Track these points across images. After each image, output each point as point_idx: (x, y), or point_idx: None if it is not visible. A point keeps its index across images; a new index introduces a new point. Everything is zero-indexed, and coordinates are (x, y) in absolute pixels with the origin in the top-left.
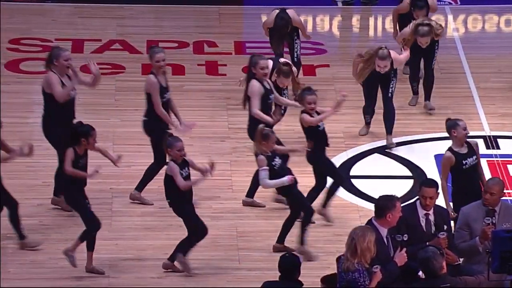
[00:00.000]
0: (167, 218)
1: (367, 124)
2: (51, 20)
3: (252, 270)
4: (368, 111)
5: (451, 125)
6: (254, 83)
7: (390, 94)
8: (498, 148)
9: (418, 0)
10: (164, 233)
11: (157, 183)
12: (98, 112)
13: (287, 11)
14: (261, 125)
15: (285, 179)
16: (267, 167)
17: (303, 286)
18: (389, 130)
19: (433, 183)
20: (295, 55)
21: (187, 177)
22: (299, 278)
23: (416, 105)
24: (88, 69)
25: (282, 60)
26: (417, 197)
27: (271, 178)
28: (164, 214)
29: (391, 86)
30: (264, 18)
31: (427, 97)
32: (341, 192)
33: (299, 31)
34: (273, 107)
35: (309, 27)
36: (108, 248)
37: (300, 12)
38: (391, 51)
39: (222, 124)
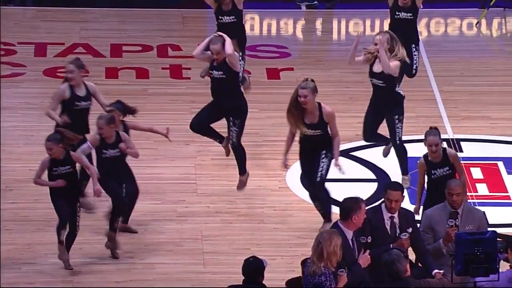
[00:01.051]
0: (130, 221)
1: None
2: (13, 23)
3: (217, 274)
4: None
5: (424, 136)
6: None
7: (319, 177)
8: (461, 151)
9: None
10: (127, 236)
11: None
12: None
13: None
14: (100, 115)
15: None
16: (92, 146)
17: None
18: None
19: (398, 186)
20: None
21: (60, 175)
22: (264, 282)
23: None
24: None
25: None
26: (382, 199)
27: (99, 164)
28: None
29: (321, 164)
30: None
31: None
32: (306, 195)
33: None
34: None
35: (273, 31)
36: (72, 252)
37: (264, 16)
38: (326, 105)
39: (187, 128)
